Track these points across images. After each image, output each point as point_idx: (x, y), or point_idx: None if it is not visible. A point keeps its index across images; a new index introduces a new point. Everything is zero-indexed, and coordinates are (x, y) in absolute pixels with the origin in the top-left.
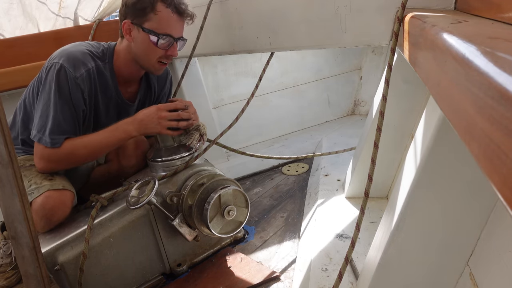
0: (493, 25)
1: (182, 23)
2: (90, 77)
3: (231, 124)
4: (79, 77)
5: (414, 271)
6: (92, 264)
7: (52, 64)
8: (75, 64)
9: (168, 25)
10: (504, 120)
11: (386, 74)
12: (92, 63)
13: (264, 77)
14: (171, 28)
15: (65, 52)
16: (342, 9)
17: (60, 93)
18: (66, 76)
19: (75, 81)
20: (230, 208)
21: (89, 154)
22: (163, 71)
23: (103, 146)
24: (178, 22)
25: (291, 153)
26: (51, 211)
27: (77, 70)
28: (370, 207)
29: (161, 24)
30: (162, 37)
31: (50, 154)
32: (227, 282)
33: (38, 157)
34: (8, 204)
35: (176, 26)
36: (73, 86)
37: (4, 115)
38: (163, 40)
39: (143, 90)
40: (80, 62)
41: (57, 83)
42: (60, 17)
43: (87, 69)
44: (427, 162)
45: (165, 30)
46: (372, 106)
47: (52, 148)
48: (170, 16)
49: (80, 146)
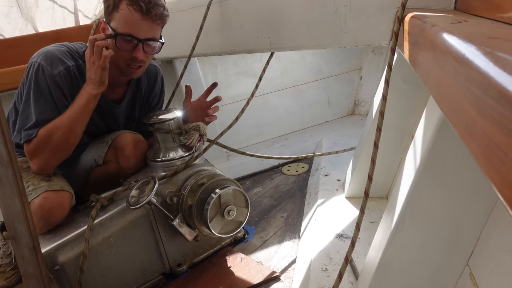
0: (493, 25)
1: (149, 23)
2: (70, 75)
3: (231, 124)
4: (57, 74)
5: (414, 271)
6: (92, 264)
7: (31, 64)
8: (52, 62)
9: (128, 25)
10: (504, 120)
11: (386, 74)
12: (72, 62)
13: (264, 77)
14: (133, 27)
15: (43, 51)
16: (342, 9)
17: (39, 91)
18: (44, 74)
19: (53, 78)
20: (230, 208)
21: (66, 132)
22: (142, 72)
23: (75, 118)
24: (143, 22)
25: (291, 153)
26: (49, 212)
27: (55, 67)
28: (370, 207)
29: (122, 23)
30: (122, 37)
31: (33, 148)
32: (227, 282)
33: (28, 157)
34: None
35: (140, 26)
36: (52, 83)
37: (4, 115)
38: (123, 41)
39: (131, 91)
40: (58, 60)
41: (36, 82)
42: (57, 5)
43: (66, 67)
44: (427, 162)
45: (125, 30)
46: (372, 106)
47: (31, 140)
48: (131, 15)
49: (54, 127)
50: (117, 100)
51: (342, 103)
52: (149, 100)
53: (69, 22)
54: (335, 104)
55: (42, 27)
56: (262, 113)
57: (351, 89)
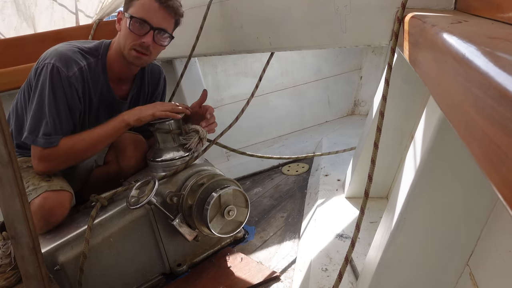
0: (493, 25)
1: (165, 14)
2: (82, 76)
3: (231, 124)
4: (72, 76)
5: (414, 271)
6: (92, 264)
7: (43, 65)
8: (68, 63)
9: (145, 11)
10: (504, 120)
11: (386, 74)
12: (83, 61)
13: (264, 77)
14: (149, 14)
15: (56, 52)
16: (342, 9)
17: (54, 93)
18: (59, 76)
19: (68, 80)
20: (230, 208)
21: (88, 148)
22: (146, 63)
23: (101, 138)
24: (159, 12)
25: (291, 153)
26: (49, 212)
27: (70, 69)
28: (370, 207)
29: (139, 8)
30: (136, 20)
31: (49, 154)
32: (227, 282)
33: (36, 159)
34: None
35: (155, 14)
36: (67, 86)
37: (4, 115)
38: (137, 24)
39: (135, 88)
40: (72, 61)
41: (51, 83)
42: (56, 4)
43: (79, 68)
44: (427, 162)
45: (141, 15)
46: (372, 106)
47: (50, 148)
48: (149, 3)
49: (78, 140)
50: (123, 97)
51: (342, 103)
52: (152, 98)
53: (68, 22)
54: (335, 104)
55: (41, 27)
56: (262, 113)
57: (351, 89)
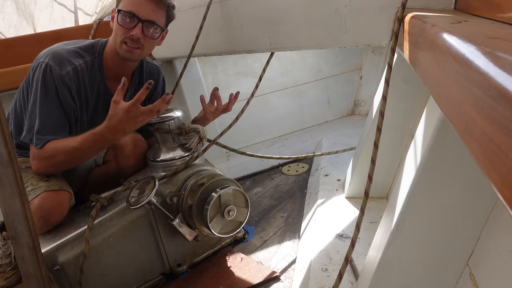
0: (493, 25)
1: (153, 6)
2: (77, 75)
3: (231, 124)
4: (65, 75)
5: (414, 271)
6: (92, 264)
7: (38, 63)
8: (61, 62)
9: (133, 4)
10: (504, 120)
11: (386, 74)
12: (79, 61)
13: (264, 77)
14: (136, 7)
15: (50, 51)
16: (342, 9)
17: (46, 92)
18: (52, 75)
19: (61, 79)
20: (230, 208)
21: (69, 161)
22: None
23: (83, 153)
24: (147, 4)
25: (291, 153)
26: (48, 212)
27: (63, 68)
28: (370, 207)
29: (127, 2)
30: (125, 13)
31: (37, 154)
32: (227, 282)
33: (31, 158)
34: (8, 204)
35: (143, 7)
36: (59, 84)
37: (4, 115)
38: (124, 17)
39: (133, 87)
40: (66, 60)
41: (43, 82)
42: (56, 3)
43: (74, 67)
44: (427, 162)
45: (129, 8)
46: (372, 106)
47: (38, 148)
48: None
49: (59, 152)
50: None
51: (342, 103)
52: (151, 98)
53: (68, 20)
54: (335, 104)
55: (41, 26)
56: (262, 113)
57: (351, 89)
